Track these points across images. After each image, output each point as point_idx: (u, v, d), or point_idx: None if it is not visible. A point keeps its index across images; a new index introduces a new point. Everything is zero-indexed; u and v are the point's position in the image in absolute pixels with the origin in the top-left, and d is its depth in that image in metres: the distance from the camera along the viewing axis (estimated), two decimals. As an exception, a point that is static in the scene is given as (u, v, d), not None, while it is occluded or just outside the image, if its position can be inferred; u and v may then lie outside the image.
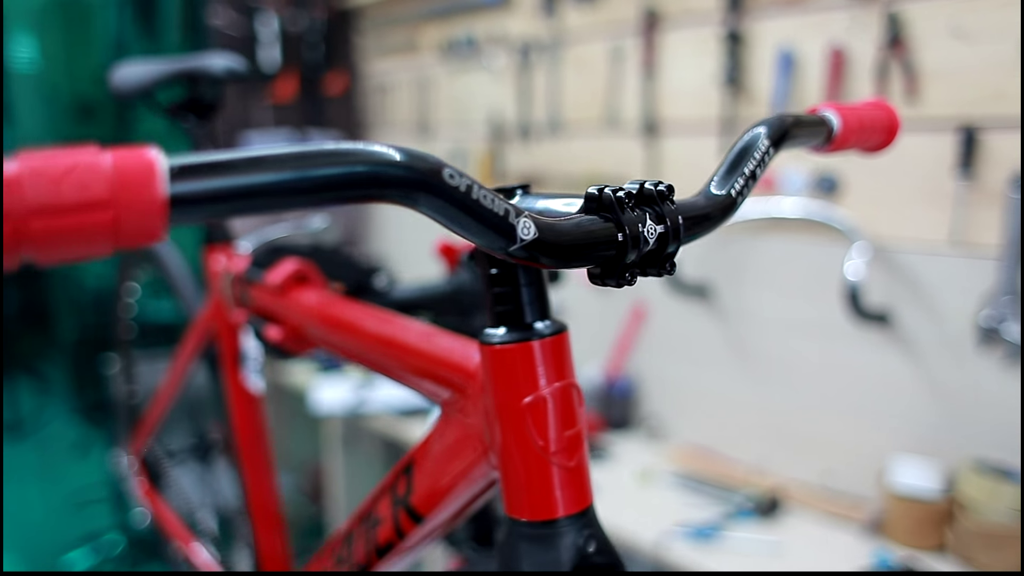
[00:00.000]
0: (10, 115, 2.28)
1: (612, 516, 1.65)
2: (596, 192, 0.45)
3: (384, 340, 0.65)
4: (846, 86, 1.59)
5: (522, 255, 0.40)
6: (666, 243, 0.47)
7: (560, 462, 0.51)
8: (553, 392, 0.51)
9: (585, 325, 2.21)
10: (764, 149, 0.54)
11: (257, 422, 0.99)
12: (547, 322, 0.52)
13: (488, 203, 0.38)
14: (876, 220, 1.58)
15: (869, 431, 1.63)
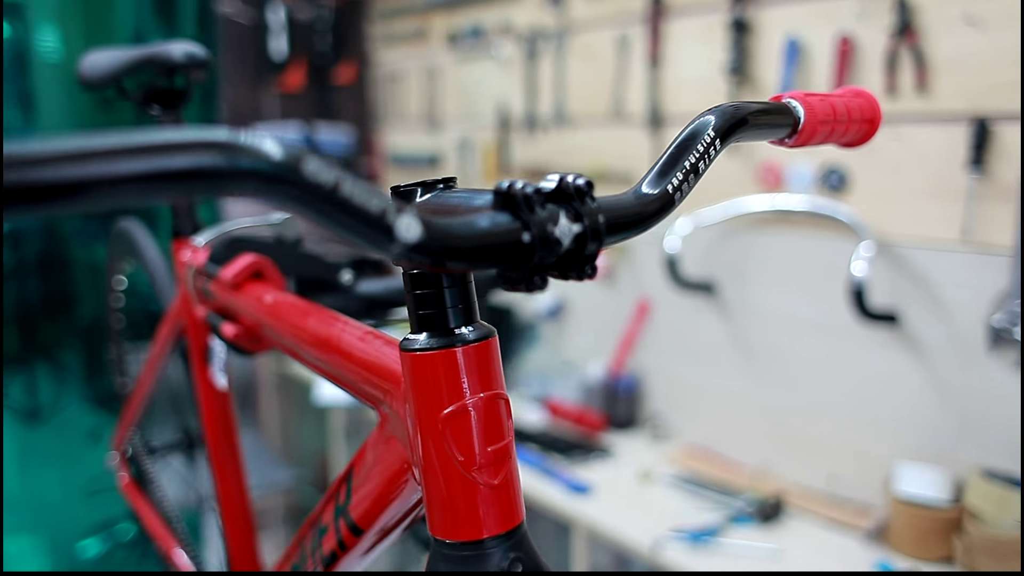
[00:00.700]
0: (33, 103, 2.30)
1: (609, 517, 1.61)
2: (504, 187, 0.41)
3: (322, 341, 0.61)
4: (854, 76, 1.53)
5: (406, 258, 0.36)
6: (584, 244, 0.43)
7: (483, 479, 0.47)
8: (477, 403, 0.47)
9: (589, 321, 2.17)
10: (709, 141, 0.50)
11: (224, 419, 0.96)
12: (472, 327, 0.48)
13: (360, 200, 0.34)
14: (884, 216, 1.52)
15: (875, 435, 1.57)
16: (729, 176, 1.75)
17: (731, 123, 0.51)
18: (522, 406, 2.20)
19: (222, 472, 0.97)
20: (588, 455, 1.87)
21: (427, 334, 0.47)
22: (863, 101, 0.62)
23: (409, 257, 0.36)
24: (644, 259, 1.97)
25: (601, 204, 0.44)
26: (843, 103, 0.59)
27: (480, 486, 0.47)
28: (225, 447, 0.97)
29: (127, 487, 1.31)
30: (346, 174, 0.34)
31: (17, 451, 2.32)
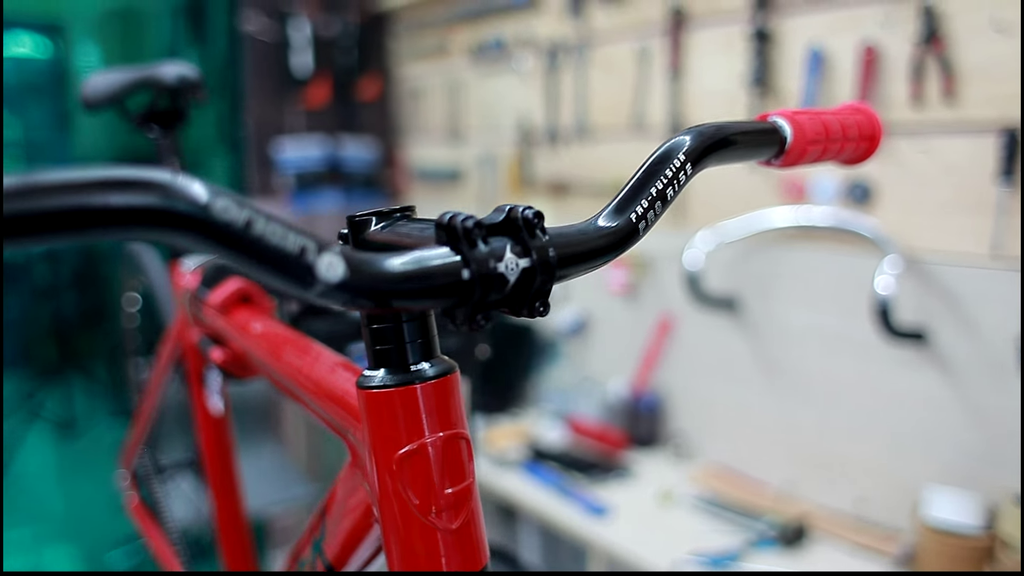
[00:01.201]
0: (71, 122, 2.34)
1: (626, 540, 1.57)
2: (445, 220, 0.39)
3: (294, 370, 0.59)
4: (879, 86, 1.48)
5: (331, 300, 0.34)
6: (532, 280, 0.40)
7: (441, 523, 0.44)
8: (435, 443, 0.44)
9: (611, 337, 2.13)
10: (679, 166, 0.47)
11: (221, 443, 0.95)
12: (432, 363, 0.45)
13: (275, 239, 0.31)
14: (911, 230, 1.46)
15: (903, 457, 1.51)
16: (751, 188, 1.71)
17: (706, 146, 0.48)
18: (543, 423, 2.16)
19: (220, 496, 0.96)
20: (608, 474, 1.83)
21: (384, 371, 0.45)
22: (862, 118, 0.58)
23: (333, 298, 0.34)
24: (667, 274, 1.93)
25: (553, 237, 0.41)
26: (838, 120, 0.56)
27: (438, 530, 0.44)
28: (221, 472, 0.95)
29: (136, 508, 1.30)
30: (260, 212, 0.31)
31: (53, 462, 2.36)
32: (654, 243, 1.96)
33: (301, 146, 2.70)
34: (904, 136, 1.46)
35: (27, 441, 2.34)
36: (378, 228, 0.45)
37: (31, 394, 2.35)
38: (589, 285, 2.15)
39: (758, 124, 0.52)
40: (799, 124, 0.52)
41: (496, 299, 0.39)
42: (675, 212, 1.89)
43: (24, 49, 2.30)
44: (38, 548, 2.37)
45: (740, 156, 0.50)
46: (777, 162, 0.53)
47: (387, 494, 0.45)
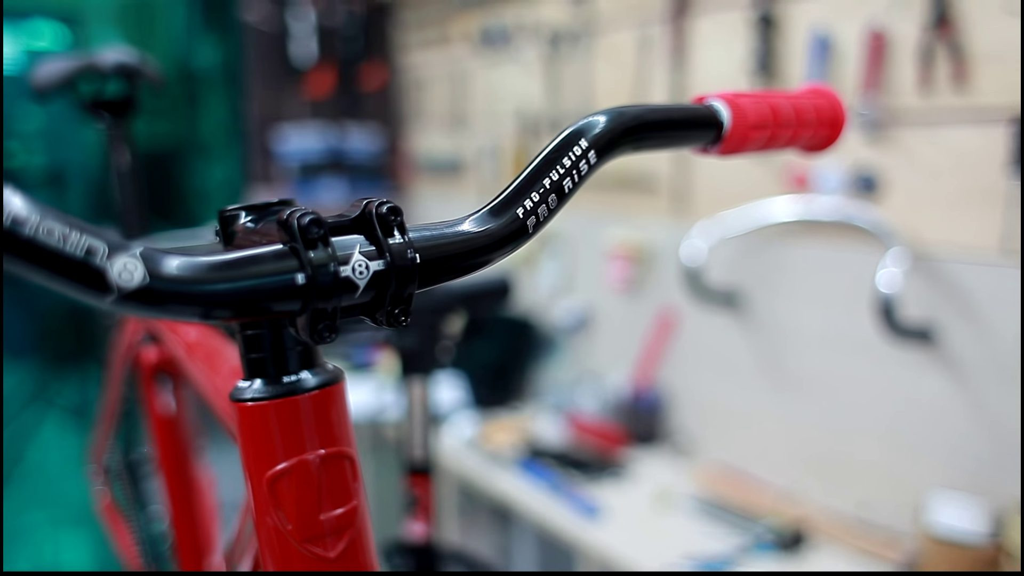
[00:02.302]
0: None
1: (617, 542, 1.52)
2: (284, 216, 0.34)
3: (205, 376, 0.55)
4: (887, 72, 1.41)
5: (128, 309, 0.29)
6: (388, 285, 0.35)
7: (315, 551, 0.40)
8: (312, 462, 0.40)
9: (612, 333, 2.08)
10: (580, 154, 0.41)
11: (174, 444, 0.91)
12: (314, 372, 0.41)
13: (52, 241, 0.27)
14: (918, 223, 1.40)
15: (908, 460, 1.45)
16: (753, 177, 1.65)
17: (620, 131, 0.42)
18: (541, 418, 2.12)
19: (175, 497, 0.92)
20: (605, 472, 1.78)
21: (260, 381, 0.40)
22: (822, 102, 0.53)
23: (132, 308, 0.29)
24: (669, 268, 1.87)
25: (416, 237, 0.36)
26: (790, 104, 0.50)
27: (314, 559, 0.40)
28: (177, 473, 0.92)
29: (107, 507, 1.27)
30: (37, 210, 0.27)
31: (69, 448, 2.38)
32: (655, 235, 1.91)
33: (304, 135, 2.67)
34: (912, 124, 1.39)
35: (44, 428, 2.35)
36: (247, 223, 0.40)
37: (47, 382, 2.36)
38: (591, 278, 2.10)
39: (689, 108, 0.46)
40: (740, 108, 0.47)
41: (346, 305, 0.35)
42: (675, 203, 1.84)
43: (44, 43, 2.30)
44: (55, 532, 2.39)
45: (665, 143, 0.45)
46: (715, 149, 0.47)
47: (261, 518, 0.40)
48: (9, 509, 2.29)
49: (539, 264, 2.25)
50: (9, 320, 2.29)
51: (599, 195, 2.06)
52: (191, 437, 0.95)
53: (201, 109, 2.65)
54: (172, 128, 2.59)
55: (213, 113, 2.67)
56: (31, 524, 2.34)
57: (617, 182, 1.98)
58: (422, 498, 1.00)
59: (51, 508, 2.37)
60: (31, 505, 2.33)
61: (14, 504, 2.30)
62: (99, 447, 1.28)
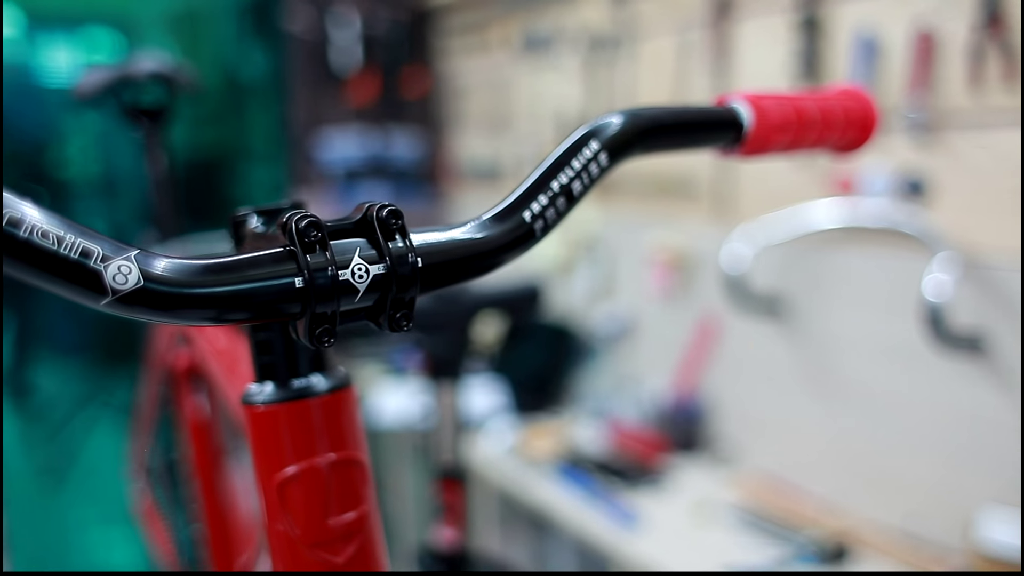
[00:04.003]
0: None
1: (655, 552, 1.50)
2: (283, 219, 0.34)
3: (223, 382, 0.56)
4: (935, 73, 1.37)
5: (127, 312, 0.29)
6: (388, 290, 0.35)
7: (323, 557, 0.40)
8: (324, 467, 0.40)
9: (653, 339, 2.06)
10: (591, 156, 0.40)
11: (206, 448, 0.93)
12: (325, 375, 0.41)
13: (47, 243, 0.27)
14: (967, 228, 1.35)
15: (958, 474, 1.40)
16: (795, 181, 1.62)
17: (635, 133, 0.41)
18: (580, 424, 2.11)
19: (208, 501, 0.94)
20: (643, 479, 1.76)
21: (271, 385, 0.41)
22: (853, 103, 0.51)
23: (127, 310, 0.29)
24: (710, 274, 1.85)
25: (418, 241, 0.36)
26: (816, 106, 0.49)
27: (322, 564, 0.40)
28: (209, 477, 0.93)
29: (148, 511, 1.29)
30: (33, 212, 0.27)
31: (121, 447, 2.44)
32: (696, 240, 1.88)
33: (348, 141, 2.70)
34: (961, 126, 1.35)
35: (98, 428, 2.41)
36: (257, 226, 0.40)
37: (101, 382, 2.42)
38: (631, 284, 2.08)
39: (708, 109, 0.45)
40: (762, 109, 0.45)
41: (345, 310, 0.35)
42: (717, 207, 1.81)
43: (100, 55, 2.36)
44: (106, 529, 2.44)
45: (684, 144, 0.44)
46: (736, 151, 0.46)
47: (270, 522, 0.40)
48: (63, 506, 2.35)
49: (578, 270, 2.24)
50: (61, 320, 2.36)
51: (639, 200, 2.04)
52: (224, 440, 0.96)
53: (247, 117, 2.69)
54: (219, 136, 2.64)
55: (259, 121, 2.72)
56: (84, 521, 2.40)
57: (657, 186, 1.96)
58: (452, 504, 1.00)
59: (103, 506, 2.43)
60: (84, 503, 2.39)
61: (68, 502, 2.36)
62: (139, 448, 1.30)
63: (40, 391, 2.32)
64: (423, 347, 0.94)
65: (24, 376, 2.30)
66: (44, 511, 2.33)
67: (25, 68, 2.24)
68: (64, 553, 2.38)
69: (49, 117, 2.30)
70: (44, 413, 2.33)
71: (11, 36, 2.21)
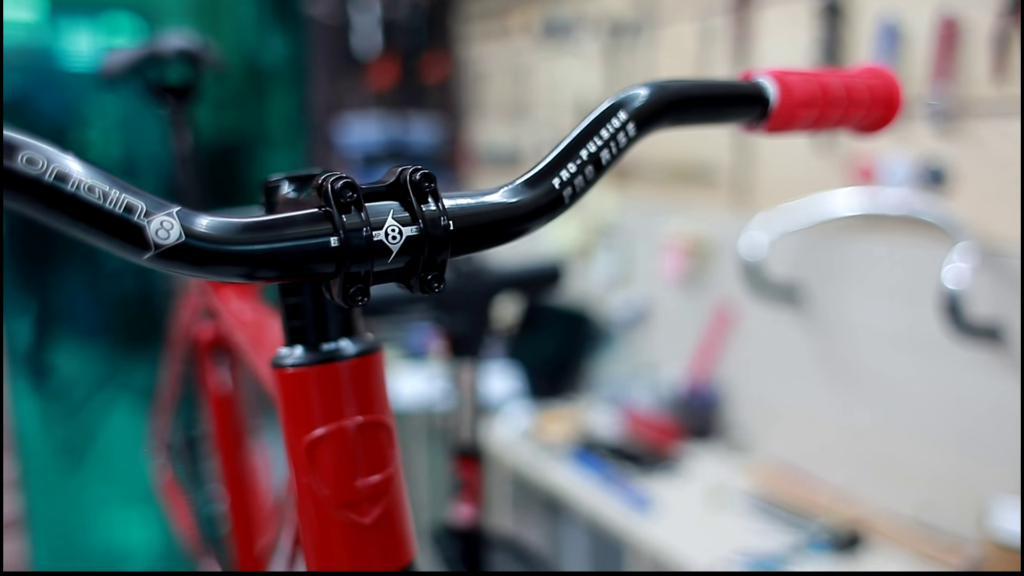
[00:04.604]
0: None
1: (669, 537, 1.51)
2: (318, 181, 0.35)
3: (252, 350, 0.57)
4: (959, 61, 1.36)
5: (165, 266, 0.30)
6: (420, 251, 0.36)
7: (351, 517, 0.41)
8: (348, 429, 0.41)
9: (669, 326, 2.06)
10: (619, 125, 0.41)
11: (229, 422, 0.94)
12: (353, 340, 0.42)
13: (93, 197, 0.28)
14: (988, 217, 1.35)
15: (973, 463, 1.40)
16: (814, 170, 1.61)
17: (661, 105, 0.42)
18: (595, 410, 2.11)
19: (229, 473, 0.95)
20: (658, 465, 1.77)
21: (300, 348, 0.42)
22: (877, 82, 0.52)
23: (167, 265, 0.30)
24: (728, 261, 1.85)
25: (450, 204, 0.37)
26: (841, 83, 0.49)
27: (350, 524, 0.41)
28: (231, 451, 0.94)
29: (168, 485, 1.31)
30: (79, 167, 0.28)
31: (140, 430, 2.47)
32: (714, 227, 1.88)
33: (367, 126, 2.71)
34: (984, 115, 1.34)
35: (115, 409, 2.44)
36: (289, 192, 0.41)
37: (119, 364, 2.45)
38: (648, 271, 2.09)
39: (734, 83, 0.46)
40: (787, 85, 0.46)
41: (379, 270, 0.35)
42: (735, 196, 1.81)
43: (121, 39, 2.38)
44: (124, 509, 2.48)
45: (709, 118, 0.45)
46: (761, 127, 0.47)
47: (299, 483, 0.41)
48: (82, 486, 2.38)
49: (595, 256, 2.24)
50: (81, 303, 2.39)
51: (658, 187, 2.04)
52: (246, 415, 0.97)
53: (267, 101, 2.71)
54: (239, 120, 2.66)
55: (279, 105, 2.73)
56: (103, 501, 2.44)
57: (676, 174, 1.96)
58: (469, 481, 1.01)
59: (122, 485, 2.47)
60: (102, 483, 2.43)
61: (87, 481, 2.40)
62: (160, 425, 1.32)
63: (59, 372, 2.36)
64: (444, 326, 0.95)
65: (43, 357, 2.34)
66: (64, 490, 2.37)
67: (47, 52, 2.26)
68: (83, 532, 2.42)
69: (71, 101, 2.33)
70: (63, 394, 2.37)
71: (33, 20, 2.23)
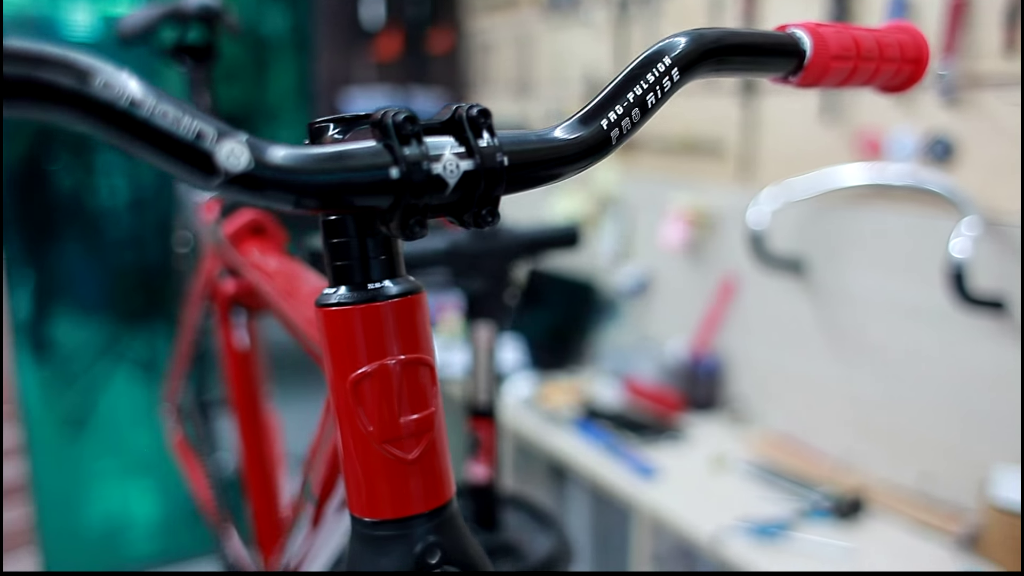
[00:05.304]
0: (159, 75, 2.42)
1: (674, 504, 1.53)
2: (378, 116, 0.36)
3: (287, 299, 0.58)
4: (968, 34, 1.37)
5: (231, 193, 0.31)
6: (476, 186, 0.37)
7: (396, 453, 0.42)
8: (393, 367, 0.42)
9: (672, 298, 2.07)
10: (663, 70, 0.42)
11: (246, 379, 0.95)
12: (396, 281, 0.43)
13: (166, 122, 0.29)
14: (995, 190, 1.36)
15: (974, 433, 1.42)
16: (823, 144, 1.62)
17: (702, 52, 0.43)
18: (599, 381, 2.13)
19: (246, 433, 0.97)
20: (661, 436, 1.79)
21: (344, 288, 0.43)
22: (906, 37, 0.52)
23: (235, 192, 0.31)
24: (731, 233, 1.86)
25: (504, 141, 0.38)
26: (873, 37, 0.50)
27: (394, 460, 0.42)
28: (249, 409, 0.96)
29: (179, 444, 1.33)
30: (154, 92, 0.29)
31: (139, 401, 2.49)
32: (720, 200, 1.89)
33: (371, 99, 2.70)
34: (994, 88, 1.34)
35: (114, 381, 2.45)
36: (335, 134, 0.42)
37: (118, 337, 2.46)
38: (653, 243, 2.09)
39: (771, 34, 0.47)
40: (821, 37, 0.47)
41: (436, 203, 0.36)
42: (741, 168, 1.81)
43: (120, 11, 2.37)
44: (123, 480, 2.50)
45: (746, 68, 0.46)
46: (795, 79, 0.48)
47: (343, 420, 0.43)
48: (81, 457, 2.40)
49: (600, 227, 2.25)
50: (82, 277, 2.40)
51: (664, 160, 2.04)
52: (263, 375, 0.98)
53: (270, 73, 2.70)
54: (242, 92, 2.64)
55: (282, 77, 2.72)
56: (102, 472, 2.46)
57: (684, 146, 1.97)
58: (485, 441, 1.03)
59: (121, 457, 2.48)
60: (102, 454, 2.45)
61: (86, 452, 2.41)
62: (172, 386, 1.33)
63: (59, 343, 2.37)
64: (462, 287, 0.96)
65: (43, 328, 2.35)
66: (66, 459, 2.39)
67: (48, 22, 2.25)
68: (86, 500, 2.44)
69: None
70: (63, 365, 2.38)
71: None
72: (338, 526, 0.62)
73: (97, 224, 2.38)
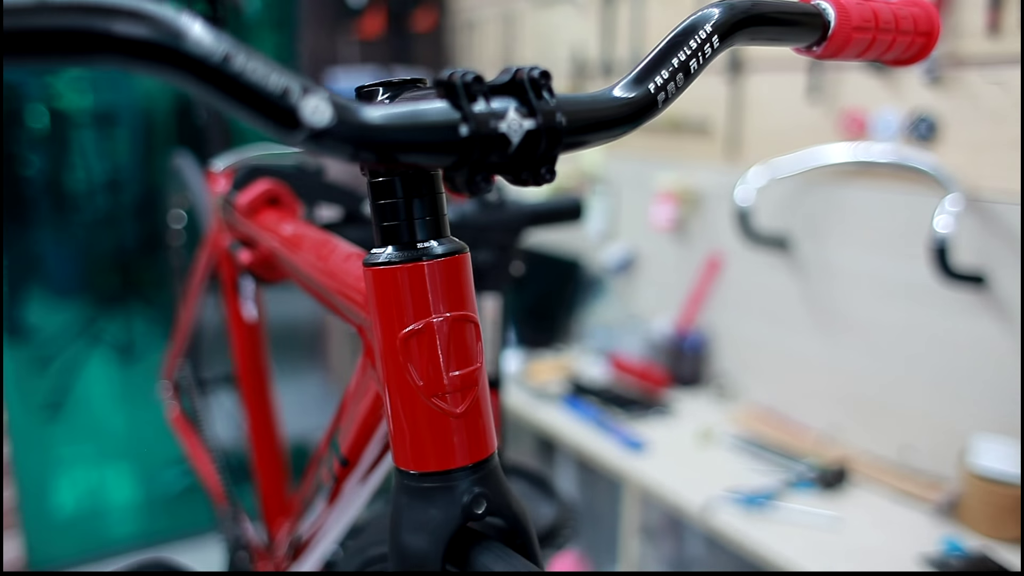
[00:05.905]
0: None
1: (663, 475, 1.56)
2: (445, 77, 0.37)
3: (313, 265, 0.59)
4: (953, 14, 1.40)
5: (314, 147, 0.33)
6: (537, 144, 0.38)
7: (443, 407, 0.43)
8: (441, 324, 0.43)
9: (658, 275, 2.10)
10: (704, 37, 0.44)
11: (254, 353, 0.96)
12: (441, 241, 0.44)
13: (256, 77, 0.30)
14: (978, 169, 1.39)
15: (953, 404, 1.46)
16: (808, 123, 1.65)
17: (737, 20, 0.45)
18: (585, 359, 2.16)
19: (253, 407, 0.97)
20: (648, 411, 1.82)
21: (392, 247, 0.44)
22: (918, 11, 0.54)
23: (317, 146, 0.33)
24: (717, 211, 1.88)
25: (562, 101, 0.39)
26: (890, 10, 0.52)
27: (442, 414, 0.44)
28: (255, 382, 0.97)
29: (177, 420, 1.33)
30: (243, 49, 0.30)
31: (114, 384, 2.47)
32: (707, 179, 1.91)
33: (354, 78, 2.69)
34: (977, 68, 1.38)
35: (90, 364, 2.43)
36: (384, 99, 0.43)
37: (93, 320, 2.44)
38: (639, 222, 2.12)
39: (798, 4, 0.48)
40: (844, 8, 0.49)
41: (498, 161, 0.38)
42: (728, 147, 1.84)
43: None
44: (99, 464, 2.48)
45: (775, 37, 0.48)
46: (818, 50, 0.50)
47: (392, 375, 0.44)
48: (56, 441, 2.38)
49: (588, 206, 2.27)
50: (58, 261, 2.37)
51: (651, 139, 2.06)
52: (268, 349, 0.99)
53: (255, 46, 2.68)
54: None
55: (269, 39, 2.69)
56: (77, 456, 2.44)
57: (671, 125, 1.99)
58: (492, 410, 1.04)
59: (96, 441, 2.47)
60: (77, 438, 2.43)
61: (61, 436, 2.40)
62: (170, 363, 1.34)
63: (34, 328, 2.34)
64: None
65: (18, 313, 2.32)
66: (42, 444, 2.37)
67: None
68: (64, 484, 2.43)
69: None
70: (39, 349, 2.35)
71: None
72: (355, 498, 0.64)
73: (72, 205, 2.34)
